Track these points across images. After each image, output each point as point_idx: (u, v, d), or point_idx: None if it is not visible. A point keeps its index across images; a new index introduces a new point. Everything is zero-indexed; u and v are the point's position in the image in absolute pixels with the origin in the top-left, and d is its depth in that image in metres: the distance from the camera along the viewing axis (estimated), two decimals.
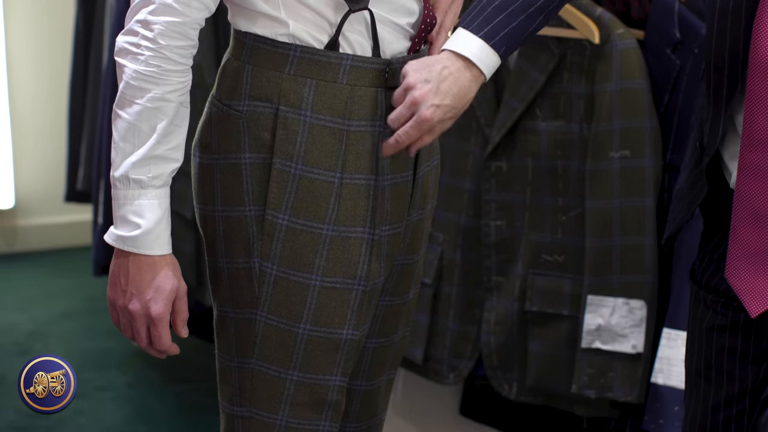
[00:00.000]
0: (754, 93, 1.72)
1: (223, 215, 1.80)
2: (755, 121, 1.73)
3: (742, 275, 1.78)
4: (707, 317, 1.90)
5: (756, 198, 1.75)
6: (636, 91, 2.59)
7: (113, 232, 1.76)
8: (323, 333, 1.80)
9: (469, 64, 1.78)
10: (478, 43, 1.79)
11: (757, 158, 1.73)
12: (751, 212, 1.75)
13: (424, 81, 1.76)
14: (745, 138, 1.75)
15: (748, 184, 1.75)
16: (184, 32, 1.72)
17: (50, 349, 3.90)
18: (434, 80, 1.76)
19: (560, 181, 2.70)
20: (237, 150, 1.78)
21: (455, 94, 1.76)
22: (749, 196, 1.75)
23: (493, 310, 2.80)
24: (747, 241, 1.77)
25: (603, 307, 2.66)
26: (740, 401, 1.89)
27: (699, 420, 1.93)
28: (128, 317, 1.78)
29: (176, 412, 3.49)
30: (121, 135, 1.73)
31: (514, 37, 1.82)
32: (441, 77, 1.76)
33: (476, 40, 1.79)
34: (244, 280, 1.80)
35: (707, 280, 1.90)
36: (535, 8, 1.82)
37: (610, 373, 2.65)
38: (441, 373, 2.89)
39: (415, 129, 1.75)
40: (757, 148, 1.73)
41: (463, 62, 1.78)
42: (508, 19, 1.81)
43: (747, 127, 1.74)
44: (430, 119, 1.75)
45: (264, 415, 1.82)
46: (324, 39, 1.77)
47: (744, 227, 1.77)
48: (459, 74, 1.77)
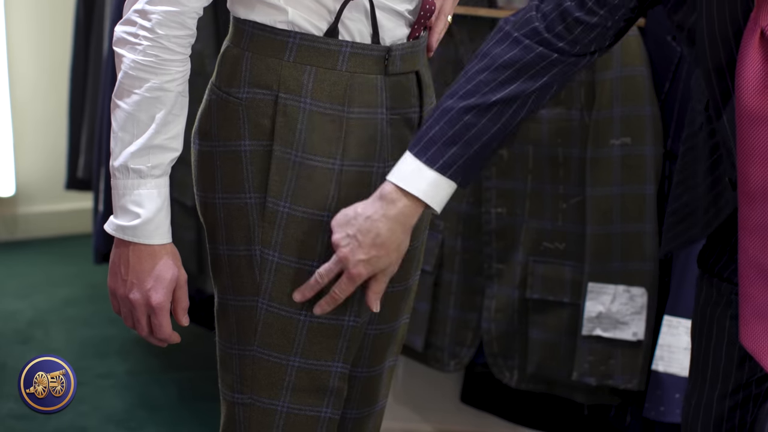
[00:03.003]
0: (745, 144, 1.63)
1: (224, 203, 1.80)
2: (749, 174, 1.64)
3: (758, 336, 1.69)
4: (720, 305, 1.89)
5: (760, 255, 1.65)
6: (637, 78, 2.59)
7: (113, 222, 1.76)
8: (324, 320, 1.80)
9: (414, 200, 1.71)
10: (431, 178, 1.71)
11: (755, 214, 1.64)
12: (759, 269, 1.66)
13: (346, 237, 1.72)
14: (742, 193, 1.66)
15: (751, 242, 1.66)
16: (182, 21, 1.71)
17: (51, 337, 3.90)
18: (355, 235, 1.71)
19: (561, 169, 2.70)
20: (237, 137, 1.78)
21: (381, 244, 1.72)
22: (754, 254, 1.66)
23: (494, 298, 2.80)
24: (758, 299, 1.67)
25: (604, 294, 2.66)
26: (747, 389, 1.89)
27: (704, 407, 1.93)
28: (129, 306, 1.78)
29: (177, 400, 3.49)
30: (120, 125, 1.73)
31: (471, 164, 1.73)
32: (363, 230, 1.71)
33: (428, 173, 1.71)
34: (245, 267, 1.80)
35: (720, 271, 1.88)
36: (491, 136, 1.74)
37: (611, 361, 2.65)
38: (442, 360, 2.89)
39: (349, 285, 1.74)
40: (755, 203, 1.64)
41: (405, 199, 1.71)
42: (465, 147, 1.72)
43: (742, 180, 1.65)
44: (360, 275, 1.73)
45: (265, 401, 1.82)
46: (323, 26, 1.76)
47: (753, 285, 1.67)
48: (388, 219, 1.71)
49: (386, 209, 1.72)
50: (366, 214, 1.72)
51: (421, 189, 1.71)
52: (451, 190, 1.73)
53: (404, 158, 1.73)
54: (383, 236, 1.72)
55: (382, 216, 1.72)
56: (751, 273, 1.68)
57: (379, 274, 1.75)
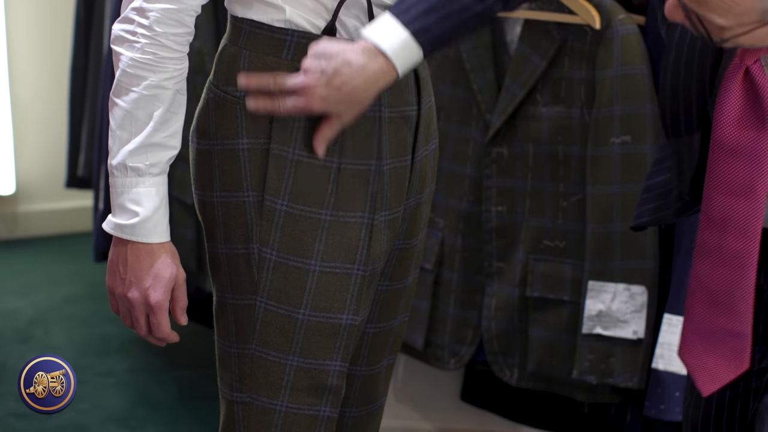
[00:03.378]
0: (713, 172, 1.68)
1: (222, 201, 1.80)
2: (712, 201, 1.69)
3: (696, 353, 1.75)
4: None
5: (710, 278, 1.72)
6: (637, 76, 2.58)
7: (111, 221, 1.76)
8: (323, 318, 1.80)
9: (384, 59, 1.71)
10: (403, 37, 1.71)
11: (712, 239, 1.70)
12: (706, 291, 1.73)
13: (319, 69, 1.71)
14: (704, 216, 1.71)
15: (703, 264, 1.72)
16: (179, 19, 1.71)
17: (51, 335, 3.90)
18: (331, 73, 1.70)
19: (561, 167, 2.70)
20: (234, 135, 1.78)
21: (348, 94, 1.71)
22: (704, 276, 1.72)
23: (494, 296, 2.80)
24: (701, 319, 1.74)
25: (604, 292, 2.66)
26: (747, 381, 1.89)
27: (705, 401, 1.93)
28: (127, 305, 1.78)
29: (177, 398, 3.49)
30: (118, 123, 1.73)
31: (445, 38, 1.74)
32: (339, 73, 1.70)
33: (402, 32, 1.71)
34: (243, 266, 1.80)
35: None
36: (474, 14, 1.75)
37: (611, 359, 2.65)
38: (442, 358, 2.89)
39: (296, 104, 1.72)
40: (713, 229, 1.70)
41: (378, 56, 1.71)
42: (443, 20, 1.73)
43: (705, 205, 1.70)
44: (312, 107, 1.72)
45: (264, 400, 1.82)
46: (321, 24, 1.76)
47: (698, 306, 1.74)
48: (366, 75, 1.71)
49: (366, 64, 1.70)
50: (347, 59, 1.70)
51: (393, 48, 1.70)
52: (418, 58, 1.73)
53: (384, 17, 1.72)
54: (357, 89, 1.71)
55: (360, 67, 1.70)
56: (699, 294, 1.73)
57: (333, 119, 1.74)
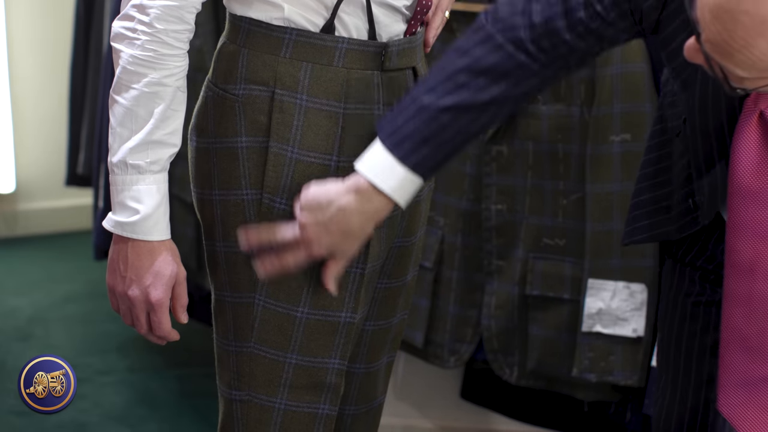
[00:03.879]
0: (735, 219, 1.66)
1: (221, 199, 1.80)
2: (737, 248, 1.66)
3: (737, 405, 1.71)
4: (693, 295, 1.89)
5: (744, 327, 1.67)
6: (637, 74, 2.58)
7: (111, 218, 1.75)
8: (321, 316, 1.80)
9: (386, 198, 1.72)
10: (401, 174, 1.71)
11: (741, 287, 1.66)
12: (741, 340, 1.69)
13: (315, 222, 1.72)
14: (729, 264, 1.68)
15: (735, 312, 1.68)
16: (180, 16, 1.71)
17: (51, 334, 3.90)
18: (326, 224, 1.71)
19: (561, 165, 2.70)
20: (233, 134, 1.78)
21: (349, 235, 1.72)
22: (737, 325, 1.68)
23: (494, 294, 2.80)
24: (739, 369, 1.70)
25: (604, 290, 2.66)
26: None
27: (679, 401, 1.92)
28: (128, 303, 1.77)
29: (178, 397, 3.49)
30: (118, 120, 1.73)
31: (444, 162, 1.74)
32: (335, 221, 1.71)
33: (400, 169, 1.71)
34: (241, 264, 1.80)
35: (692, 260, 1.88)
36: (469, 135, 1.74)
37: (611, 357, 2.65)
38: (442, 356, 2.89)
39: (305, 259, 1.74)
40: (741, 276, 1.66)
41: (380, 196, 1.71)
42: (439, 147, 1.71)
43: (729, 253, 1.67)
44: (320, 255, 1.74)
45: (263, 398, 1.82)
46: (319, 22, 1.76)
47: (734, 355, 1.70)
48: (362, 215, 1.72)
49: (362, 205, 1.71)
50: (341, 206, 1.71)
51: (393, 186, 1.71)
52: (418, 186, 1.73)
53: (377, 150, 1.71)
54: (354, 229, 1.73)
55: (356, 211, 1.72)
56: (733, 342, 1.70)
57: (339, 257, 1.75)
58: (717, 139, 1.72)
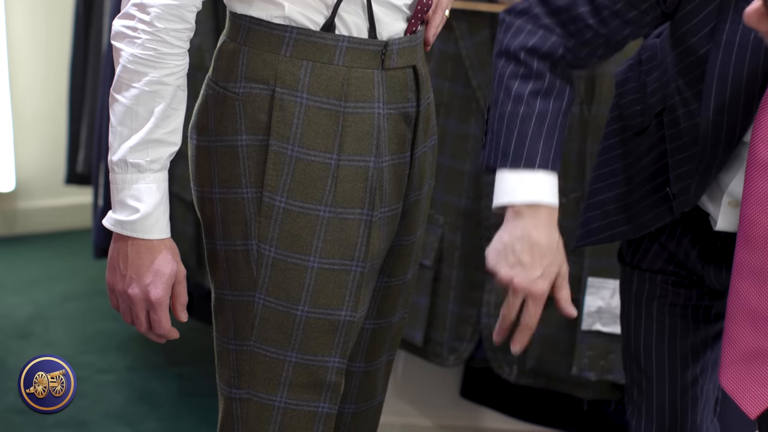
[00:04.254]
0: (753, 190, 1.68)
1: (221, 197, 1.80)
2: (754, 219, 1.68)
3: (740, 379, 1.73)
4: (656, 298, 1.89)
5: (754, 299, 1.69)
6: None
7: (111, 217, 1.76)
8: (321, 314, 1.80)
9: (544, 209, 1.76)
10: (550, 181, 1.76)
11: (754, 259, 1.68)
12: (749, 313, 1.70)
13: (509, 267, 1.74)
14: (742, 236, 1.70)
15: (745, 285, 1.70)
16: (180, 15, 1.71)
17: (51, 332, 3.90)
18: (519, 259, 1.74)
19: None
20: (233, 132, 1.78)
21: (545, 253, 1.75)
22: (747, 297, 1.70)
23: (494, 293, 2.80)
24: (745, 342, 1.72)
25: (603, 289, 2.66)
26: (703, 375, 1.90)
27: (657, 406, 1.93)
28: (127, 302, 1.78)
29: (177, 395, 3.49)
30: (118, 119, 1.73)
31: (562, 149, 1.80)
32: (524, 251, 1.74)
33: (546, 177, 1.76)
34: (241, 262, 1.80)
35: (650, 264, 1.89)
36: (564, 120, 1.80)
37: (611, 355, 2.65)
38: (441, 355, 2.89)
39: (537, 307, 1.76)
40: (755, 248, 1.68)
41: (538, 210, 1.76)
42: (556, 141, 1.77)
43: (744, 224, 1.69)
44: (544, 291, 1.75)
45: (263, 396, 1.82)
46: (320, 20, 1.76)
47: (741, 328, 1.72)
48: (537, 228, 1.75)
49: (533, 221, 1.75)
50: (516, 236, 1.74)
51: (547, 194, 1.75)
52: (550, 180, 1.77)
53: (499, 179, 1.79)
54: (543, 244, 1.74)
55: (532, 228, 1.74)
56: (740, 316, 1.71)
57: (558, 279, 1.77)
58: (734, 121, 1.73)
